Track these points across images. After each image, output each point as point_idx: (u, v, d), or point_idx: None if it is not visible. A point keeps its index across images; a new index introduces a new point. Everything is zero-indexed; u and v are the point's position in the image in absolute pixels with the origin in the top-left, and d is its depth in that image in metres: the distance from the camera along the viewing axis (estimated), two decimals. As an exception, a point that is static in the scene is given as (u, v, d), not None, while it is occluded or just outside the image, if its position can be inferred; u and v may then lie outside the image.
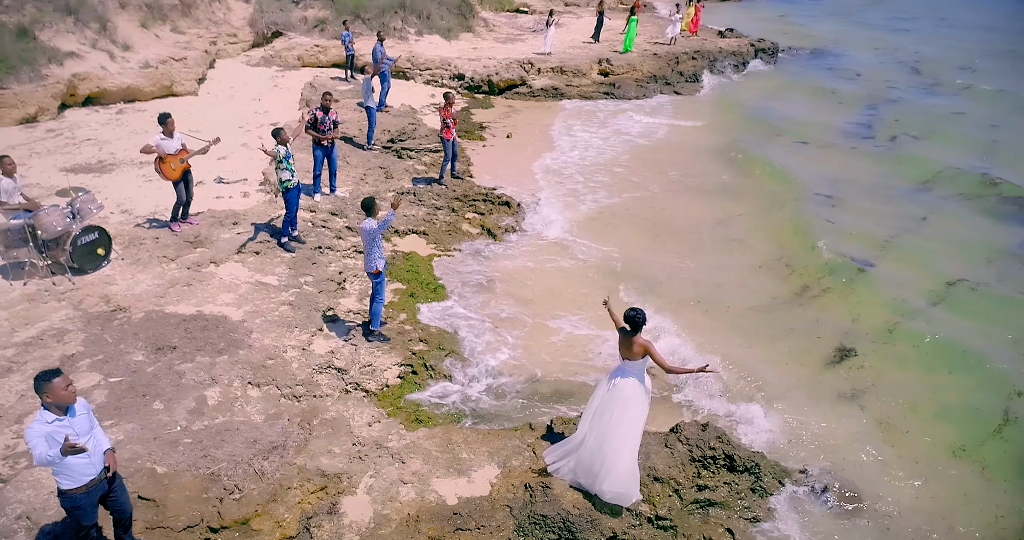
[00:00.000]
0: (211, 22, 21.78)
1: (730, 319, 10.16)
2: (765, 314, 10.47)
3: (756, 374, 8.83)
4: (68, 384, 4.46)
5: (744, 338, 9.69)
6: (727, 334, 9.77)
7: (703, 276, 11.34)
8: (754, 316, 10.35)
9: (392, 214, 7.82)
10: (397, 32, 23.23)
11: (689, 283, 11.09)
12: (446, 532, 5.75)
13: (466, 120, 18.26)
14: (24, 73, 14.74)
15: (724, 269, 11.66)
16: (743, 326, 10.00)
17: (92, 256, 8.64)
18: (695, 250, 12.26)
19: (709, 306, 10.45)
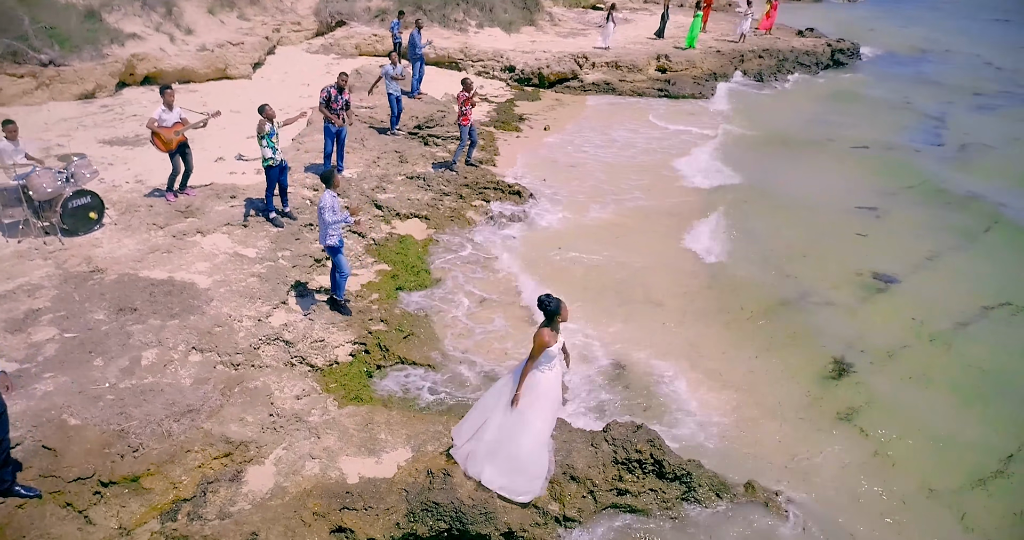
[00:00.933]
0: (278, 10, 22.56)
1: (731, 322, 9.57)
2: (770, 319, 9.80)
3: (741, 381, 8.28)
4: None
5: (740, 342, 9.12)
6: (723, 336, 9.24)
7: (710, 276, 10.74)
8: (758, 320, 9.70)
9: (349, 217, 7.80)
10: (457, 24, 23.36)
11: (692, 281, 10.55)
12: (331, 509, 5.61)
13: (507, 112, 18.11)
14: (87, 52, 15.66)
15: (736, 271, 11.01)
16: (744, 329, 9.41)
17: (84, 219, 9.03)
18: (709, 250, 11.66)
19: (711, 307, 9.88)
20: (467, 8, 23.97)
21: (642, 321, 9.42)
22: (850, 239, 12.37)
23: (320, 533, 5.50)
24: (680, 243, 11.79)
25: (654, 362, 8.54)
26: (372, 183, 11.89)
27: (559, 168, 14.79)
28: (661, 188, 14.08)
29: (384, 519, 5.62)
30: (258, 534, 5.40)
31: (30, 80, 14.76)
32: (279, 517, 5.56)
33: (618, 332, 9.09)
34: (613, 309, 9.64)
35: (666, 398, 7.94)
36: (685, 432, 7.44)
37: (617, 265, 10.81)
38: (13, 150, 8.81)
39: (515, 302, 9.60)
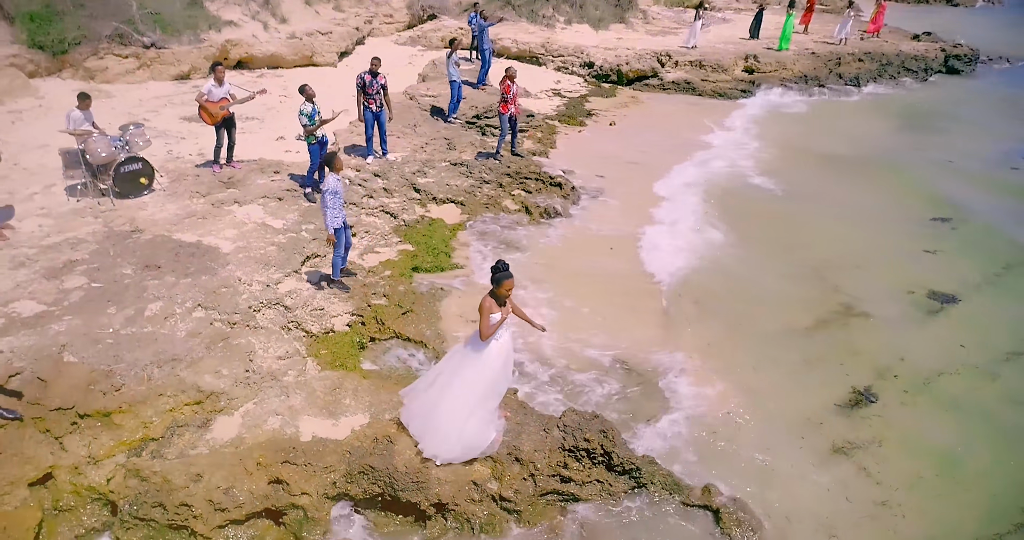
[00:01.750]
0: (372, 2, 23.48)
1: (765, 331, 9.13)
2: (807, 332, 9.26)
3: (750, 390, 7.92)
4: None
5: (768, 351, 8.69)
6: (752, 345, 8.83)
7: (748, 283, 10.32)
8: (786, 335, 9.17)
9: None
10: (545, 19, 23.45)
11: (724, 287, 10.18)
12: (274, 462, 5.89)
13: (576, 107, 18.05)
14: (186, 36, 16.95)
15: (773, 277, 10.51)
16: (769, 342, 8.94)
17: (135, 184, 9.84)
18: (750, 254, 11.17)
19: (746, 313, 9.50)
20: (557, 4, 24.01)
21: (674, 323, 9.19)
22: (914, 254, 11.52)
23: (258, 482, 5.78)
24: (727, 250, 11.34)
25: (660, 357, 8.36)
26: (414, 167, 12.21)
27: (612, 165, 14.59)
28: (715, 195, 13.59)
29: (321, 477, 5.84)
30: (202, 476, 5.75)
31: (133, 60, 16.16)
32: (225, 463, 5.89)
33: (640, 332, 8.87)
34: (638, 308, 9.45)
35: (665, 394, 7.75)
36: (668, 429, 7.22)
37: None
38: (83, 119, 9.72)
39: (524, 292, 9.59)
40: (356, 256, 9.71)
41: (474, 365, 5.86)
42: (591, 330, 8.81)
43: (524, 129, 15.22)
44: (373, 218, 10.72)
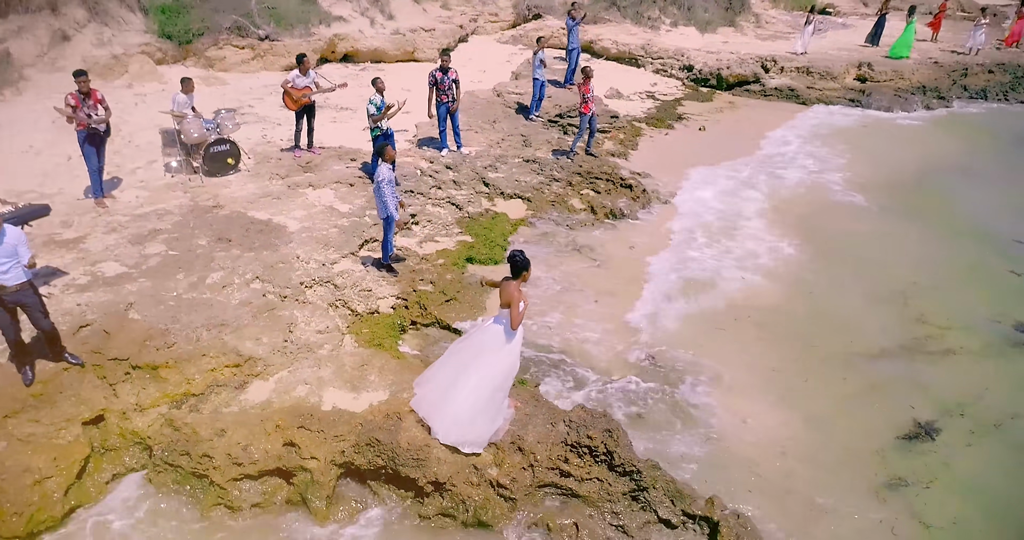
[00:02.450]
0: (481, 1, 24.03)
1: (821, 354, 8.66)
2: (869, 360, 8.66)
3: (799, 410, 7.56)
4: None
5: (822, 378, 8.19)
6: (807, 368, 8.38)
7: (818, 301, 9.83)
8: (854, 359, 8.63)
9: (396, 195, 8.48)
10: (650, 21, 23.19)
11: (792, 304, 9.71)
12: (289, 426, 6.28)
13: (668, 110, 17.77)
14: (297, 30, 18.07)
15: (846, 296, 9.99)
16: (834, 364, 8.45)
17: (223, 164, 10.67)
18: (824, 271, 10.65)
19: (804, 335, 9.00)
20: (664, 6, 23.66)
21: (731, 336, 8.92)
22: (999, 277, 10.63)
23: (274, 443, 6.19)
24: (800, 265, 10.85)
25: (714, 372, 8.14)
26: (487, 162, 12.49)
27: (695, 174, 14.26)
28: (794, 206, 13.03)
29: (331, 444, 6.18)
30: (225, 432, 6.24)
31: (248, 51, 17.39)
32: (248, 422, 6.36)
33: (696, 345, 8.66)
34: (697, 320, 9.24)
35: (712, 411, 7.52)
36: (705, 447, 7.04)
37: (708, 280, 10.27)
38: (186, 101, 10.64)
39: (569, 290, 9.63)
40: (415, 244, 10.09)
41: (498, 352, 5.99)
42: (642, 340, 8.67)
43: (606, 130, 15.17)
44: (438, 209, 11.07)
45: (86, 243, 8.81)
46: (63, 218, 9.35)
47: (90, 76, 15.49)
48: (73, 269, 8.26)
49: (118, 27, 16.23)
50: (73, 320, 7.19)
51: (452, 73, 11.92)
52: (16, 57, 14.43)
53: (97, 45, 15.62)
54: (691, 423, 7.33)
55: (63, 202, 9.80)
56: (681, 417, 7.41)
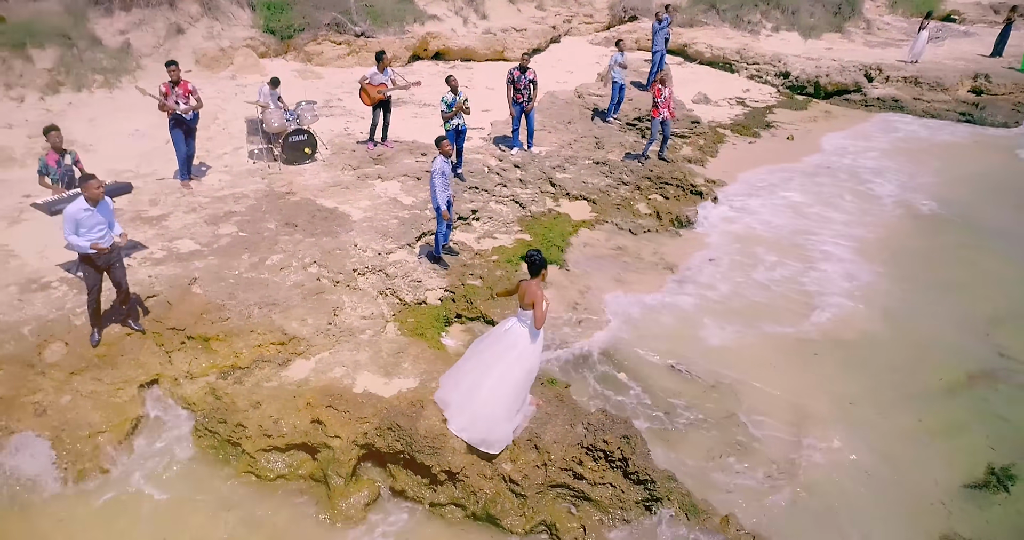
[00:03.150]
0: (577, 3, 24.03)
1: (896, 385, 8.07)
2: (947, 395, 8.01)
3: (863, 455, 7.04)
4: (99, 186, 6.49)
5: (893, 411, 7.69)
6: (878, 399, 7.88)
7: (898, 327, 9.22)
8: (931, 392, 8.02)
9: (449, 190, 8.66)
10: (750, 25, 22.51)
11: (869, 330, 9.12)
12: (318, 404, 6.57)
13: (757, 117, 17.20)
14: (392, 28, 18.71)
15: (928, 323, 9.34)
16: (908, 397, 7.87)
17: (300, 153, 11.22)
18: (907, 294, 10.01)
19: (880, 365, 8.43)
20: (766, 10, 22.89)
21: (807, 362, 8.46)
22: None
23: (302, 419, 6.50)
24: (882, 287, 10.24)
25: (781, 399, 7.75)
26: (556, 162, 12.52)
27: (773, 179, 13.78)
28: (880, 223, 12.31)
29: (355, 425, 6.41)
30: (260, 404, 6.60)
31: (345, 47, 18.15)
32: (282, 397, 6.70)
33: (764, 365, 8.33)
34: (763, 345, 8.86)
35: (763, 433, 7.25)
36: (755, 477, 6.80)
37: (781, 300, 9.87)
38: (270, 94, 11.27)
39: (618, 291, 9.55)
40: (473, 239, 10.26)
41: (521, 353, 6.07)
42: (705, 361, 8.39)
43: (686, 135, 14.86)
44: (501, 206, 11.20)
45: (167, 221, 9.50)
46: (151, 197, 10.12)
47: (199, 67, 16.65)
48: (152, 244, 8.93)
49: (227, 22, 17.33)
50: (142, 290, 7.79)
51: (530, 73, 12.02)
52: (135, 48, 15.68)
53: (207, 38, 16.74)
54: (750, 449, 7.06)
55: (154, 182, 10.61)
56: (744, 442, 7.14)
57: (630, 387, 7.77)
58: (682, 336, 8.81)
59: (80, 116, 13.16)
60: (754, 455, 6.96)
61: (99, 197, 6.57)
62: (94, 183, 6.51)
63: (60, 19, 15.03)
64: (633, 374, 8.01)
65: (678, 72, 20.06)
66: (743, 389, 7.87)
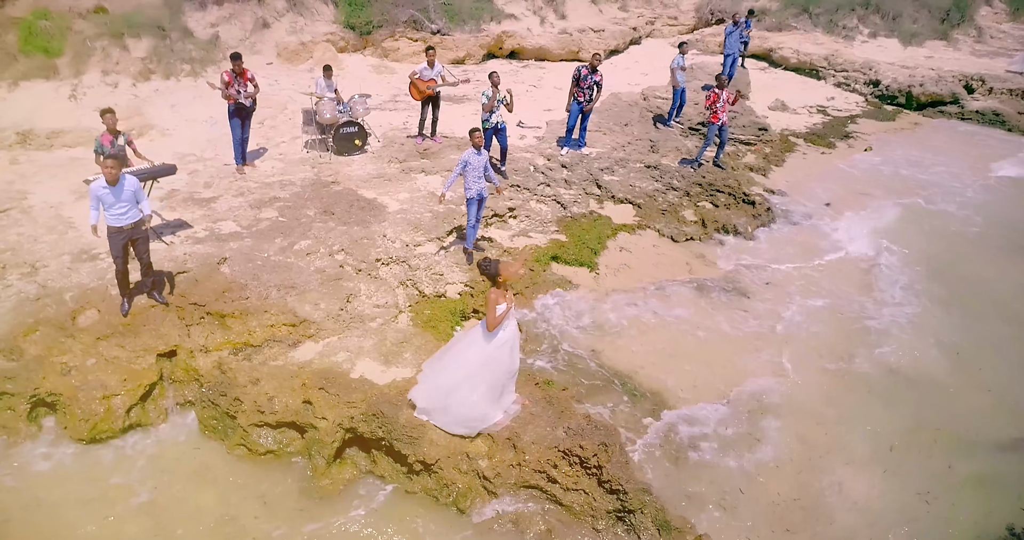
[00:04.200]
0: (662, 4, 23.60)
1: (940, 431, 7.46)
2: (989, 448, 7.32)
3: (889, 507, 6.57)
4: (112, 166, 6.91)
5: (931, 461, 7.09)
6: (920, 447, 7.32)
7: (952, 371, 8.50)
8: (975, 444, 7.35)
9: (483, 180, 8.78)
10: (845, 30, 21.44)
11: (920, 376, 8.38)
12: (313, 385, 6.77)
13: (835, 127, 16.37)
14: (468, 26, 18.96)
15: (987, 366, 8.56)
16: (947, 445, 7.27)
17: (350, 144, 11.57)
18: (966, 332, 9.20)
19: (928, 411, 7.77)
20: (864, 14, 21.71)
21: (857, 396, 7.96)
22: None
23: (295, 398, 6.72)
24: (937, 324, 9.46)
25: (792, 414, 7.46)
26: (605, 164, 12.34)
27: (841, 192, 13.04)
28: (949, 249, 11.43)
29: (342, 409, 6.57)
30: (259, 381, 6.87)
31: (420, 44, 18.52)
32: (281, 376, 6.95)
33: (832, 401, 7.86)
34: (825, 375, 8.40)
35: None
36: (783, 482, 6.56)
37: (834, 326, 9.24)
38: (326, 86, 11.69)
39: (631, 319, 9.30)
40: (507, 237, 10.27)
41: (480, 352, 6.13)
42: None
43: (751, 142, 14.31)
44: (541, 205, 11.15)
45: (216, 203, 10.03)
46: (207, 180, 10.71)
47: (280, 60, 17.40)
48: (198, 224, 9.45)
49: (311, 17, 18.07)
50: (175, 266, 8.26)
51: (598, 75, 11.88)
52: (223, 40, 16.60)
53: (290, 32, 17.52)
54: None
55: (212, 166, 11.21)
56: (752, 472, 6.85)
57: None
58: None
59: (164, 102, 14.05)
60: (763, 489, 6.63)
61: (113, 177, 6.96)
62: (108, 163, 6.92)
63: (157, 11, 16.11)
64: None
65: (760, 77, 19.37)
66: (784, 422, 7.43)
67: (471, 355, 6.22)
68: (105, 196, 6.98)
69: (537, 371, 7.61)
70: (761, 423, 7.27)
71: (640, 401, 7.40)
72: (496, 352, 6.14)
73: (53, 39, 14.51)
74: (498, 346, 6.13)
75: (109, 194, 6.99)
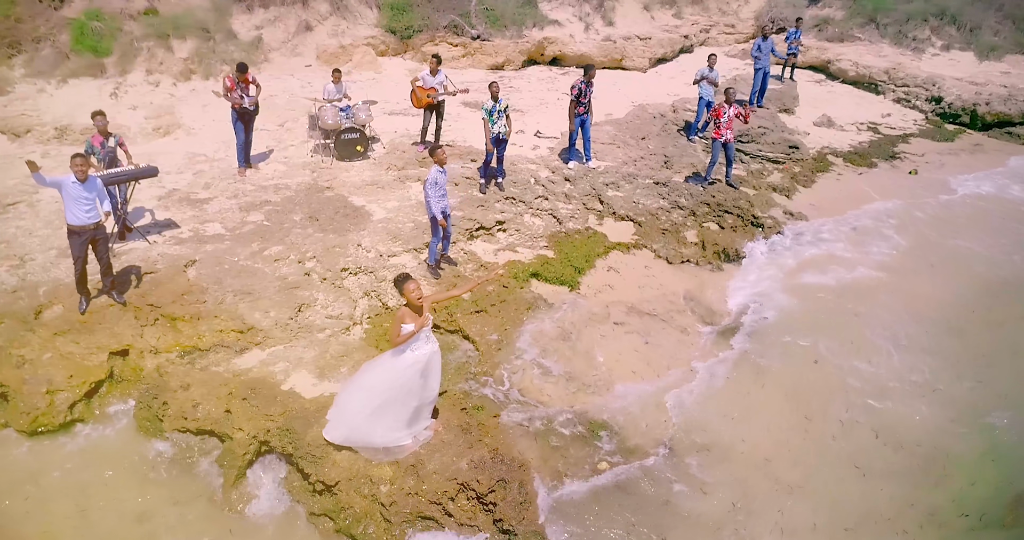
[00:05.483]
0: (720, 12, 22.77)
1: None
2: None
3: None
4: (80, 164, 7.16)
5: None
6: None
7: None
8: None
9: (446, 203, 8.58)
10: (915, 42, 20.06)
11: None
12: (238, 395, 6.79)
13: (882, 146, 15.34)
14: (510, 31, 18.84)
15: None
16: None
17: (352, 150, 11.65)
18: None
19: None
20: (938, 25, 20.25)
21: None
22: None
23: (219, 406, 6.76)
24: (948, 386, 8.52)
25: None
26: (610, 179, 11.95)
27: (866, 219, 12.15)
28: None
29: (259, 421, 6.56)
30: (189, 387, 6.96)
31: (460, 49, 18.56)
32: (211, 383, 7.02)
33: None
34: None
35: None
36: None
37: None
38: (335, 90, 11.82)
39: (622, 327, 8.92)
40: (491, 251, 10.08)
41: (386, 371, 6.01)
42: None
43: (780, 160, 13.56)
44: (536, 219, 10.90)
45: (209, 204, 10.28)
46: (207, 181, 11.00)
47: (318, 62, 17.75)
48: (186, 224, 9.71)
49: (353, 20, 18.36)
50: (145, 267, 8.50)
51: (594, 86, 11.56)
52: (266, 42, 17.11)
53: (331, 35, 17.86)
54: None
55: (218, 168, 11.51)
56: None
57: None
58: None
59: (197, 102, 14.57)
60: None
61: (81, 175, 7.22)
62: (76, 161, 7.20)
63: (205, 14, 16.74)
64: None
65: (812, 91, 18.40)
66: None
67: (378, 373, 6.10)
68: (71, 189, 7.24)
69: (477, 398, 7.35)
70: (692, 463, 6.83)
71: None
72: (404, 373, 5.99)
73: (103, 39, 15.29)
74: (405, 367, 5.98)
75: (77, 188, 7.25)
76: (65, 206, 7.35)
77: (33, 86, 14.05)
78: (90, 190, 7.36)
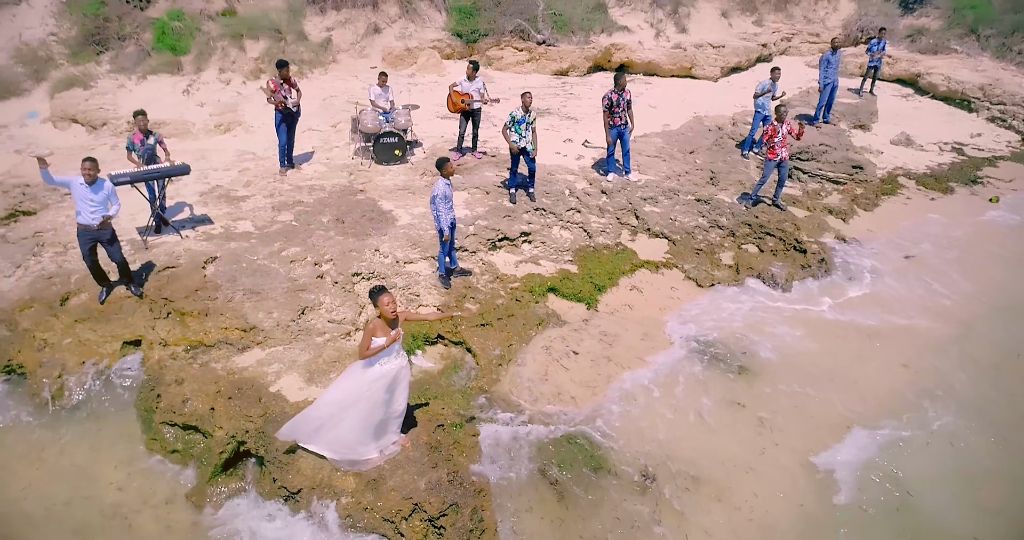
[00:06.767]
0: (806, 19, 21.72)
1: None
2: None
3: None
4: (88, 168, 7.52)
5: None
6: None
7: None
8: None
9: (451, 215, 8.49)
10: (1019, 56, 18.45)
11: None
12: (225, 394, 6.95)
13: (963, 169, 14.22)
14: (577, 37, 18.59)
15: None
16: None
17: (390, 154, 11.76)
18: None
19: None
20: (1050, 38, 18.53)
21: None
22: None
23: (205, 403, 6.93)
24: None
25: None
26: (650, 193, 11.54)
27: (934, 248, 11.21)
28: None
29: (239, 421, 6.69)
30: (182, 382, 7.18)
31: (525, 53, 18.47)
32: (203, 380, 7.21)
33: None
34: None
35: None
36: None
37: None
38: (381, 93, 11.98)
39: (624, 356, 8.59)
40: (512, 263, 9.95)
41: (353, 382, 5.98)
42: None
43: (841, 181, 12.74)
44: (564, 232, 10.67)
45: (245, 203, 10.62)
46: (249, 179, 11.37)
47: (383, 64, 18.09)
48: (219, 221, 10.06)
49: (421, 24, 18.60)
50: (169, 261, 8.85)
51: (627, 93, 11.19)
52: (335, 43, 17.58)
53: (399, 38, 18.15)
54: None
55: (263, 166, 11.88)
56: None
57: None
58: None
59: (261, 100, 15.04)
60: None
61: (89, 178, 7.58)
62: (85, 164, 7.57)
63: (280, 15, 17.36)
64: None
65: (896, 106, 17.22)
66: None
67: (346, 384, 6.09)
68: (80, 190, 7.62)
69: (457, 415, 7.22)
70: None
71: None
72: (371, 385, 5.97)
73: (182, 38, 16.12)
74: (373, 379, 5.95)
75: (85, 190, 7.62)
76: (75, 204, 7.75)
77: (115, 81, 14.97)
78: (96, 193, 7.69)
